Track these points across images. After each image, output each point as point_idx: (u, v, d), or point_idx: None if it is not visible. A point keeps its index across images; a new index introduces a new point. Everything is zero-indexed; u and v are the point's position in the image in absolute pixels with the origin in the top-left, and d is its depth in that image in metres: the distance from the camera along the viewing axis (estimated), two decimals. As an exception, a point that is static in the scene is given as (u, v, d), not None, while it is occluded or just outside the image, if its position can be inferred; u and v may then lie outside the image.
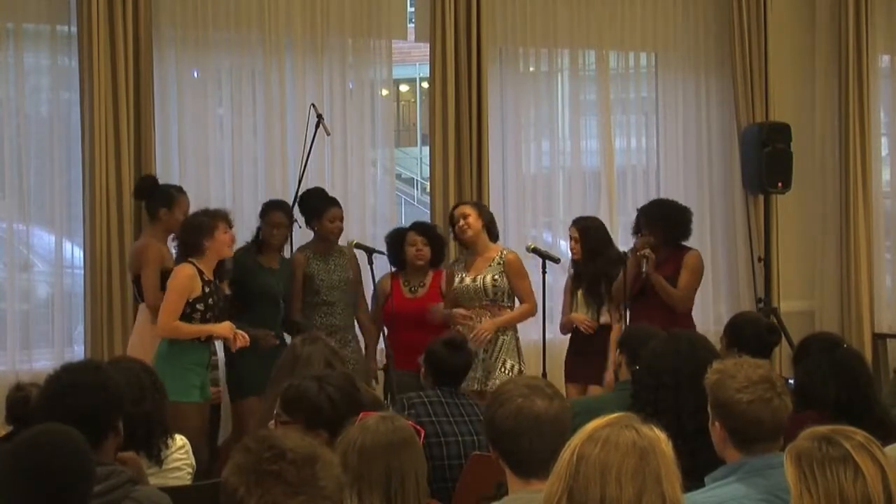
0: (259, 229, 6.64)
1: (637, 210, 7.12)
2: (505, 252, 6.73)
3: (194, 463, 4.33)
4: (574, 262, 6.93)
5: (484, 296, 6.59)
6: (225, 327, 5.88)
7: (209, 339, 5.94)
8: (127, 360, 4.43)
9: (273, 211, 6.65)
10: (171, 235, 6.24)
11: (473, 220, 6.66)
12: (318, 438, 3.13)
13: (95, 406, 3.37)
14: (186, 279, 5.73)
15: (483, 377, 6.48)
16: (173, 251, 6.20)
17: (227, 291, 6.15)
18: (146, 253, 6.26)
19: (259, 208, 6.76)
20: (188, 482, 4.22)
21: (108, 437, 3.37)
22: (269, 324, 6.41)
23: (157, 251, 6.22)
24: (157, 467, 4.04)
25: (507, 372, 6.49)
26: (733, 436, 3.25)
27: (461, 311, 6.57)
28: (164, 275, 6.09)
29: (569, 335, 6.95)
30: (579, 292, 6.84)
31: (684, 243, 6.94)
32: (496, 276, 6.60)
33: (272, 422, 3.75)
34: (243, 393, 6.37)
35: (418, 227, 7.01)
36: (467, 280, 6.61)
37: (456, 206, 6.87)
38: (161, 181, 6.65)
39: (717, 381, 3.29)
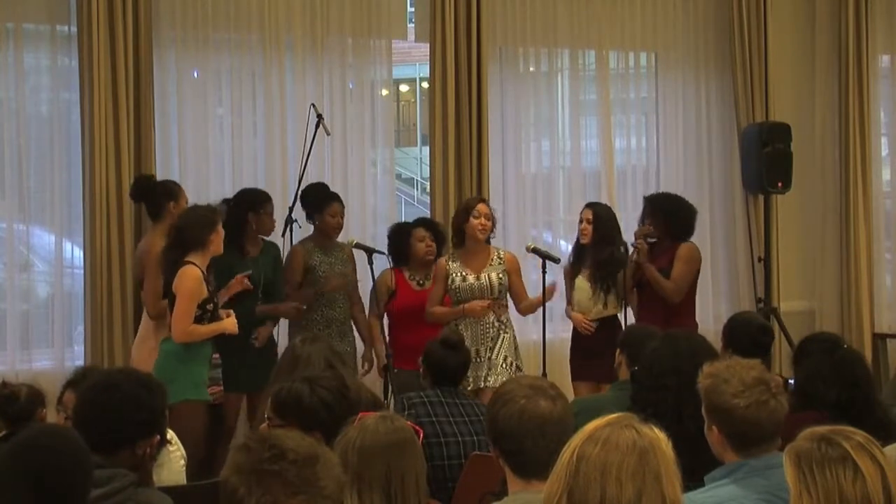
0: (243, 218, 6.56)
1: (644, 198, 7.10)
2: (502, 251, 6.71)
3: (184, 453, 4.33)
4: (580, 247, 6.89)
5: (489, 293, 6.56)
6: (232, 323, 5.86)
7: None
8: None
9: (269, 201, 6.69)
10: None
11: (491, 224, 6.61)
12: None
13: (115, 428, 3.32)
14: (196, 283, 5.66)
15: (486, 376, 6.44)
16: None
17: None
18: (148, 258, 6.23)
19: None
20: (182, 472, 4.22)
21: (122, 450, 3.32)
22: (247, 315, 6.33)
23: (158, 256, 6.17)
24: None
25: (507, 368, 6.47)
26: (732, 440, 3.25)
27: (479, 302, 6.52)
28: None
29: (569, 334, 6.92)
30: (579, 278, 6.80)
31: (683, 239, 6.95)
32: (500, 275, 6.58)
33: (264, 424, 3.72)
34: (226, 388, 6.35)
35: (425, 222, 7.06)
36: (470, 278, 6.57)
37: (478, 201, 6.72)
38: (153, 176, 6.64)
39: (711, 386, 3.29)
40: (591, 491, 2.27)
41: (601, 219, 6.78)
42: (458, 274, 6.57)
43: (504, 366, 6.49)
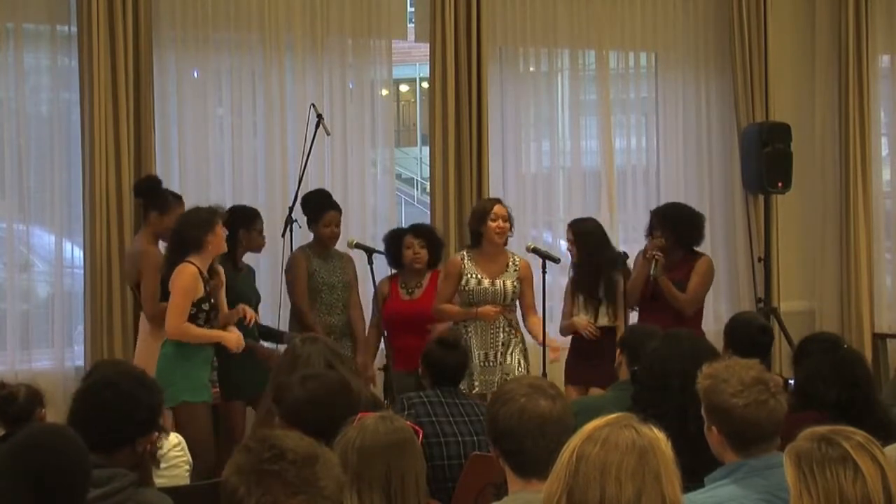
0: (234, 235, 6.48)
1: (650, 212, 7.11)
2: (517, 258, 6.62)
3: (191, 459, 4.33)
4: (573, 265, 6.90)
5: (502, 300, 6.52)
6: (235, 338, 5.82)
7: None
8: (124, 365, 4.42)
9: (259, 218, 6.66)
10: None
11: (508, 226, 6.50)
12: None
13: (115, 427, 3.33)
14: (192, 280, 5.65)
15: (501, 381, 6.39)
16: None
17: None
18: (145, 259, 6.23)
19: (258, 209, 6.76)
20: (186, 479, 4.23)
21: (122, 449, 3.32)
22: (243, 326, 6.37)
23: (155, 258, 6.14)
24: (156, 466, 4.04)
25: (522, 371, 6.46)
26: (731, 440, 3.25)
27: (492, 307, 6.47)
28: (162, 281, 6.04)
29: (569, 337, 6.93)
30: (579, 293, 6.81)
31: (695, 249, 6.96)
32: (514, 282, 6.53)
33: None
34: (229, 395, 6.33)
35: (416, 229, 7.01)
36: (486, 283, 6.50)
37: (494, 203, 6.60)
38: (161, 182, 6.64)
39: (711, 387, 3.29)
40: (590, 491, 2.27)
41: (580, 236, 6.75)
42: (473, 276, 6.48)
43: (520, 370, 6.46)
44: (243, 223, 6.56)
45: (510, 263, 6.54)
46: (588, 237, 6.75)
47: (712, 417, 3.29)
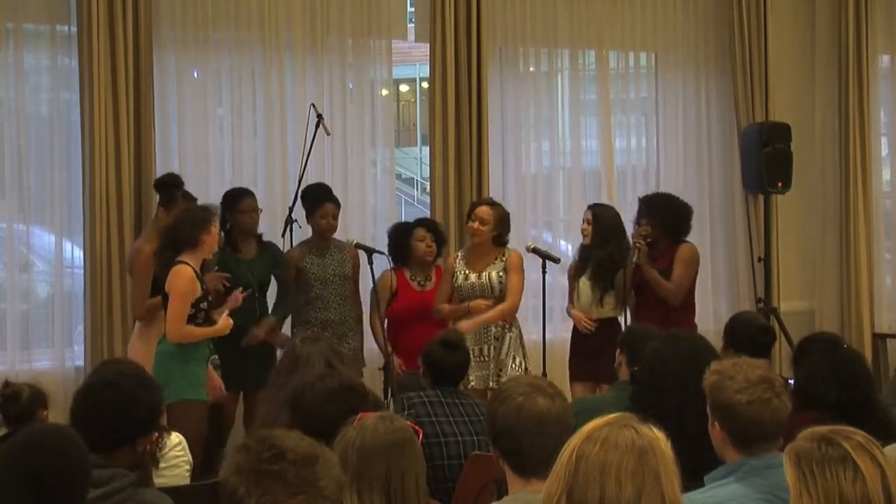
0: (227, 221, 6.54)
1: (639, 199, 7.11)
2: (509, 251, 6.67)
3: (191, 459, 4.33)
4: (582, 247, 6.90)
5: (490, 292, 6.55)
6: (228, 326, 5.85)
7: None
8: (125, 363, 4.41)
9: (244, 198, 6.66)
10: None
11: (487, 228, 6.53)
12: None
13: (115, 427, 3.33)
14: (189, 282, 5.64)
15: (495, 374, 6.44)
16: None
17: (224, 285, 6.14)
18: (136, 257, 6.22)
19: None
20: (187, 479, 4.23)
21: (122, 449, 3.32)
22: (245, 315, 6.35)
23: (148, 258, 6.10)
24: (155, 467, 4.04)
25: (517, 368, 6.47)
26: (733, 437, 3.25)
27: (483, 301, 6.52)
28: (155, 277, 6.05)
29: (569, 334, 6.94)
30: (582, 278, 6.81)
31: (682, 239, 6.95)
32: (500, 273, 6.58)
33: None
34: (227, 387, 6.32)
35: (426, 223, 7.07)
36: (472, 277, 6.57)
37: (479, 204, 6.69)
38: (181, 180, 6.60)
39: (716, 383, 3.29)
40: (590, 490, 2.27)
41: (601, 220, 6.79)
42: (462, 272, 6.59)
43: (514, 366, 6.48)
44: (228, 206, 6.60)
45: (499, 258, 6.58)
46: (607, 222, 6.79)
47: (716, 414, 3.30)
